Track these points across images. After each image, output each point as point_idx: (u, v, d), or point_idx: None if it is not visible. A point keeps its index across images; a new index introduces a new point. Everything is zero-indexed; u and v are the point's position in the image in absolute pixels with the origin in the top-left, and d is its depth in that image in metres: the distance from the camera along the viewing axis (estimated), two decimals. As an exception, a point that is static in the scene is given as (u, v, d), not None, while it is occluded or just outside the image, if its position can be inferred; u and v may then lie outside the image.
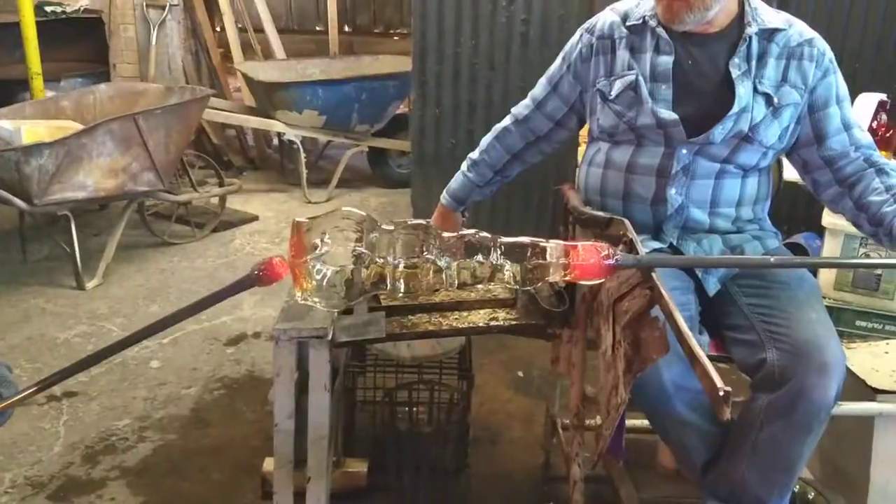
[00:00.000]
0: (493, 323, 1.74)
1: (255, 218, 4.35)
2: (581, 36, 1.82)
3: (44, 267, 3.56)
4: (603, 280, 1.39)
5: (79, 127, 3.35)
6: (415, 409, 2.13)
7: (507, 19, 3.73)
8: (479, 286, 1.68)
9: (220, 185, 4.12)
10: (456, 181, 2.04)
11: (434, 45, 3.84)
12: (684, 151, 1.68)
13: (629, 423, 1.97)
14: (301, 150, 4.61)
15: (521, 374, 2.76)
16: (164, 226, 3.98)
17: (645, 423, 1.84)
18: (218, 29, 5.52)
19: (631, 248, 1.51)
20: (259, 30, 5.42)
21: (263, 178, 5.25)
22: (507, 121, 1.96)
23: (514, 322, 1.75)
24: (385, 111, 4.79)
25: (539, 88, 1.91)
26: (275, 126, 4.61)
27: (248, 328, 3.06)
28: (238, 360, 2.82)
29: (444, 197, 2.06)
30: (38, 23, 3.96)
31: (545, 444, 2.24)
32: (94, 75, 4.63)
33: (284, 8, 7.36)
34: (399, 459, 2.07)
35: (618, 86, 1.71)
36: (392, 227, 1.41)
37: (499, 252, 1.41)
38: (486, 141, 1.99)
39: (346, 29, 7.16)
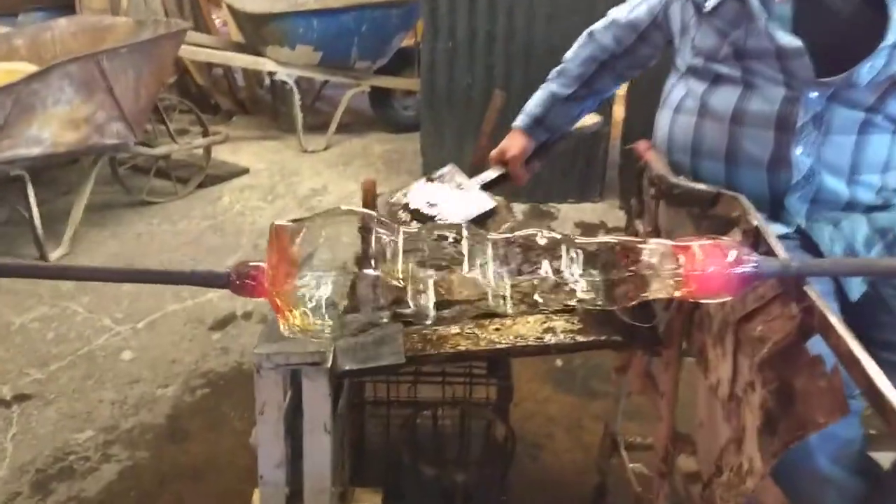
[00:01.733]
0: (548, 338, 1.29)
1: (246, 171, 3.87)
2: None
3: (2, 234, 3.10)
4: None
5: (33, 69, 2.84)
6: (438, 425, 1.70)
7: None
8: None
9: (204, 134, 3.62)
10: (534, 96, 1.62)
11: (445, -33, 3.29)
12: (814, 95, 1.19)
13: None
14: (295, 91, 4.08)
15: (559, 363, 2.32)
16: (142, 182, 3.49)
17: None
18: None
19: (755, 239, 1.05)
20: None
21: (255, 123, 4.73)
22: (601, 22, 1.56)
23: (577, 337, 1.29)
24: (388, 45, 4.24)
25: None
26: (265, 65, 4.06)
27: (237, 307, 2.61)
28: (225, 349, 2.38)
29: (518, 118, 1.63)
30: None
31: (601, 465, 1.81)
32: (57, 10, 4.05)
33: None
34: (420, 486, 1.66)
35: None
36: (416, 229, 0.96)
37: (574, 257, 0.96)
38: (574, 45, 1.59)
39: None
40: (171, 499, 1.80)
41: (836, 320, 0.85)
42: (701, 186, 1.20)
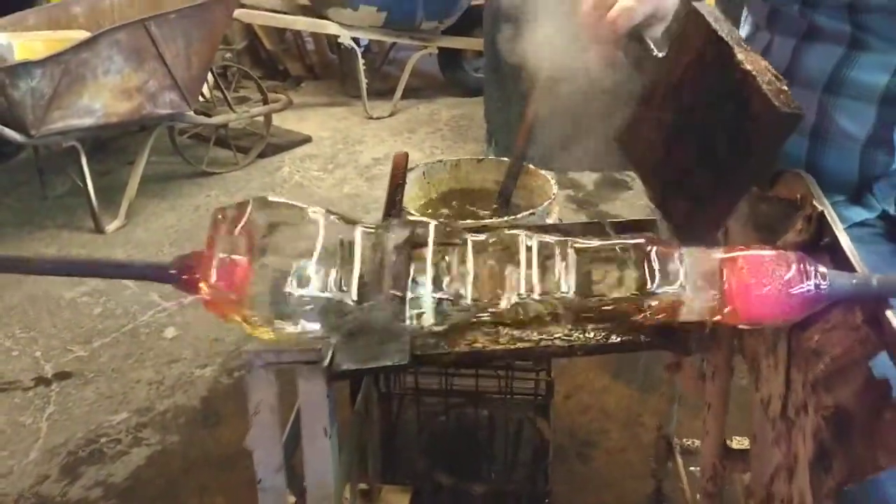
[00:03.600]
0: (576, 336, 1.08)
1: (308, 139, 3.75)
2: None
3: (63, 205, 3.09)
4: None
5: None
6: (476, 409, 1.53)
7: None
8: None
9: (264, 101, 3.51)
10: None
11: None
12: None
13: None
14: (359, 54, 3.92)
15: (623, 350, 2.09)
16: (202, 152, 3.43)
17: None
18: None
19: (819, 227, 0.81)
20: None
21: (324, 89, 4.61)
22: None
23: (609, 338, 1.07)
24: (456, 3, 4.01)
25: None
26: (327, 27, 3.91)
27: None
28: (268, 327, 2.28)
29: None
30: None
31: (656, 471, 1.59)
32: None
33: None
34: (455, 484, 1.50)
35: None
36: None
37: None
38: None
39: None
40: (197, 487, 1.71)
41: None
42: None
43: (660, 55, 0.88)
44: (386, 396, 1.56)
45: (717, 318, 0.70)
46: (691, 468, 1.42)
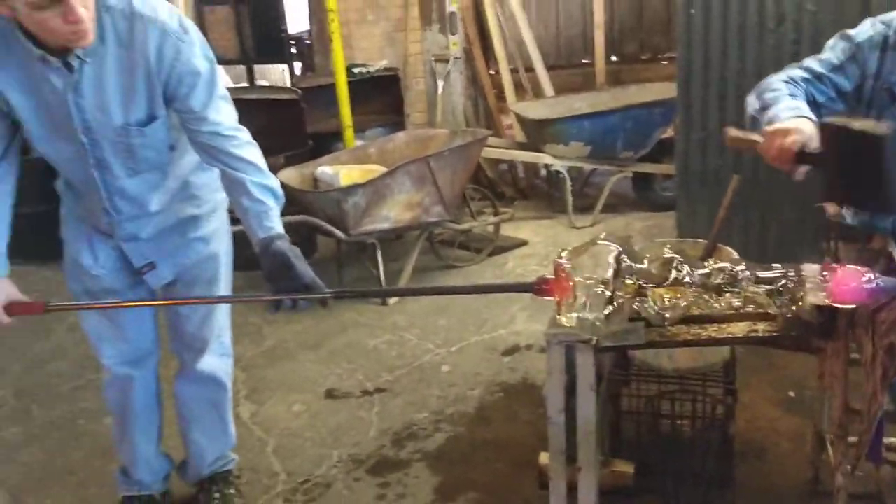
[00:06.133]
0: (752, 334, 1.86)
1: (525, 243, 4.74)
2: (873, 24, 1.79)
3: (355, 286, 4.24)
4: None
5: (382, 169, 3.98)
6: (678, 420, 2.28)
7: (776, 41, 3.73)
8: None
9: (495, 213, 4.57)
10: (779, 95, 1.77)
11: (699, 71, 3.94)
12: None
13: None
14: (567, 178, 4.92)
15: (792, 394, 2.75)
16: (448, 251, 4.51)
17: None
18: (493, 72, 6.08)
19: (890, 262, 1.57)
20: (530, 69, 5.87)
21: (532, 206, 5.63)
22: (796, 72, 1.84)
23: (773, 334, 1.84)
24: (650, 137, 4.94)
25: (832, 52, 1.82)
26: (543, 158, 4.98)
27: (521, 341, 3.40)
28: (513, 369, 3.17)
29: (771, 114, 1.73)
30: (347, 83, 4.74)
31: (814, 460, 2.25)
32: (391, 124, 5.38)
33: (553, 45, 7.79)
34: (664, 466, 2.22)
35: None
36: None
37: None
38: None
39: (613, 59, 7.38)
40: (482, 459, 2.57)
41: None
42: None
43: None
44: (615, 382, 2.33)
45: (827, 301, 1.47)
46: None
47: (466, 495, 2.40)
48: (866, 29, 1.80)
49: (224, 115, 1.91)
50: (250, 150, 1.92)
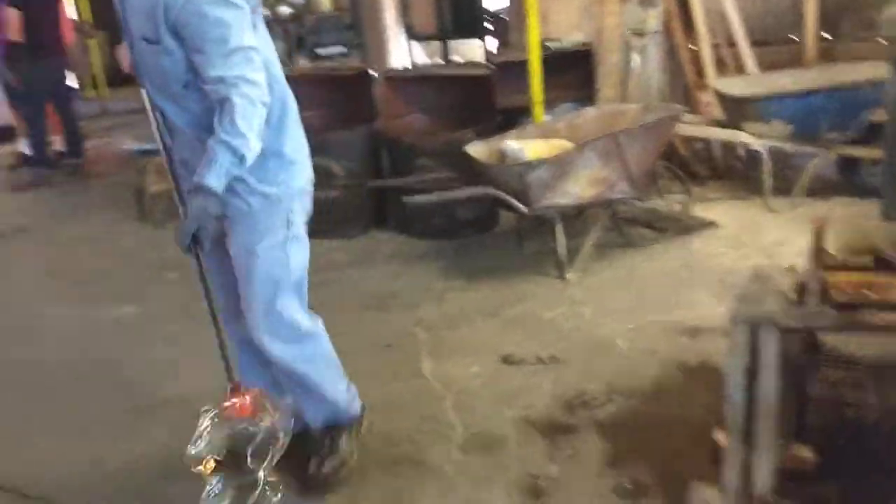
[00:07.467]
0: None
1: (713, 224, 4.57)
2: None
3: (534, 259, 4.33)
4: None
5: (569, 145, 4.03)
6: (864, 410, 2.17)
7: None
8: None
9: (686, 193, 4.45)
10: None
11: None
12: None
13: None
14: (766, 159, 4.68)
15: None
16: (631, 229, 4.47)
17: None
18: (692, 47, 5.85)
19: None
20: (732, 44, 5.60)
21: (727, 186, 5.38)
22: None
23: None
24: (857, 119, 4.57)
25: None
26: (740, 136, 4.76)
27: (704, 323, 3.33)
28: (693, 350, 3.13)
29: None
30: (540, 58, 4.79)
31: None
32: (581, 99, 5.36)
33: (758, 20, 7.33)
34: (847, 454, 2.13)
35: None
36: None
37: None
38: None
39: (825, 36, 6.82)
40: (653, 432, 2.60)
41: None
42: None
43: None
44: (801, 368, 2.26)
45: None
46: None
47: (635, 464, 2.44)
48: None
49: (230, 66, 2.00)
50: (238, 106, 1.99)
